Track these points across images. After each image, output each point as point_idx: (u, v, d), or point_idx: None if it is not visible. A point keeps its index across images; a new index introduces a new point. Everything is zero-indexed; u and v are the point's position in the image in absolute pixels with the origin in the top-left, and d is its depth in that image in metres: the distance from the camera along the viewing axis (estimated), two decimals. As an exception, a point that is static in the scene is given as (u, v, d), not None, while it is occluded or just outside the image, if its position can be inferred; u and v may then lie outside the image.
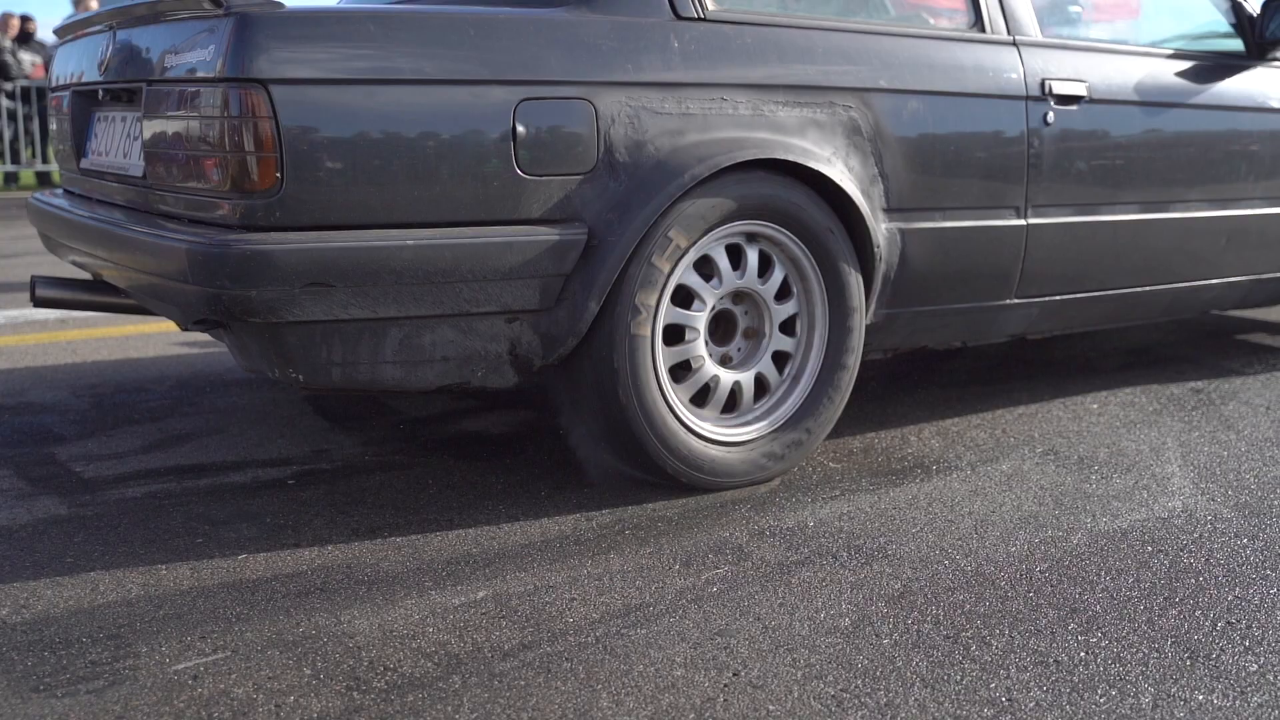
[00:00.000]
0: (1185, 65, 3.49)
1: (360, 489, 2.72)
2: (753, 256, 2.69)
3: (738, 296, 2.73)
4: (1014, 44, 3.08)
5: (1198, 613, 2.11)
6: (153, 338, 4.41)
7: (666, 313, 2.59)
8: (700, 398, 2.71)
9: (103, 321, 4.73)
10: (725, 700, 1.80)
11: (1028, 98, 3.04)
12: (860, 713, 1.77)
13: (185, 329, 2.59)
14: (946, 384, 3.75)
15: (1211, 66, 3.57)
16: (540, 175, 2.39)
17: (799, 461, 2.83)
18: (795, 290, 2.77)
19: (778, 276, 2.73)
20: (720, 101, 2.58)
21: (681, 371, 2.67)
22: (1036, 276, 3.15)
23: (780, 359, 2.80)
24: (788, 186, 2.65)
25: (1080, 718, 1.75)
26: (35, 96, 11.39)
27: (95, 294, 2.92)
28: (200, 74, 2.30)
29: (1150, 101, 3.33)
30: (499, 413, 3.36)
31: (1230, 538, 2.46)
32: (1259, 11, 3.73)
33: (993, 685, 1.85)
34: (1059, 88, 3.10)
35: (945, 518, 2.57)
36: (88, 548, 2.37)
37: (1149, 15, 3.95)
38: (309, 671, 1.87)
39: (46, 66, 11.83)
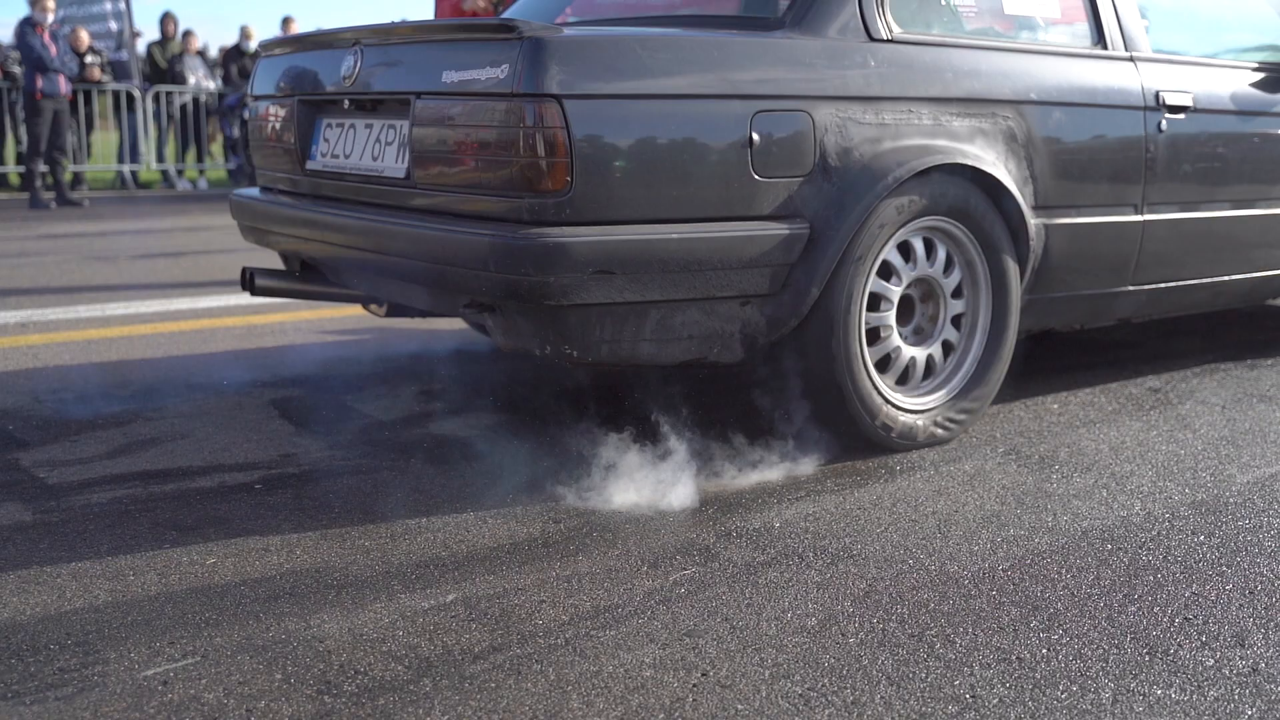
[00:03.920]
0: (1265, 76, 3.91)
1: (327, 493, 2.72)
2: (922, 247, 3.05)
3: (916, 284, 3.10)
4: (1131, 59, 3.51)
5: (1156, 609, 2.15)
6: (115, 342, 4.39)
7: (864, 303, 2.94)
8: (895, 376, 3.07)
9: (64, 326, 4.69)
10: (694, 700, 1.82)
11: (1145, 108, 3.46)
12: (827, 711, 1.79)
13: (425, 315, 3.20)
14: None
15: None
16: (770, 177, 2.73)
17: (969, 426, 3.20)
18: (963, 277, 3.16)
19: (945, 263, 3.11)
20: (908, 113, 2.94)
21: (878, 353, 3.02)
22: (1148, 266, 3.55)
23: (950, 342, 3.19)
24: (963, 186, 3.04)
25: (1042, 714, 1.79)
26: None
27: (307, 283, 3.32)
28: (493, 89, 2.57)
29: (1242, 110, 3.77)
30: (466, 416, 3.36)
31: (1187, 535, 2.51)
32: None
33: (957, 682, 1.88)
34: (1170, 98, 3.51)
35: (909, 518, 2.60)
36: (54, 554, 2.36)
37: (1234, 30, 4.31)
38: (279, 676, 1.88)
39: (2, 66, 11.68)
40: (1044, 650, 1.98)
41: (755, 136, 2.69)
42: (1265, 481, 2.86)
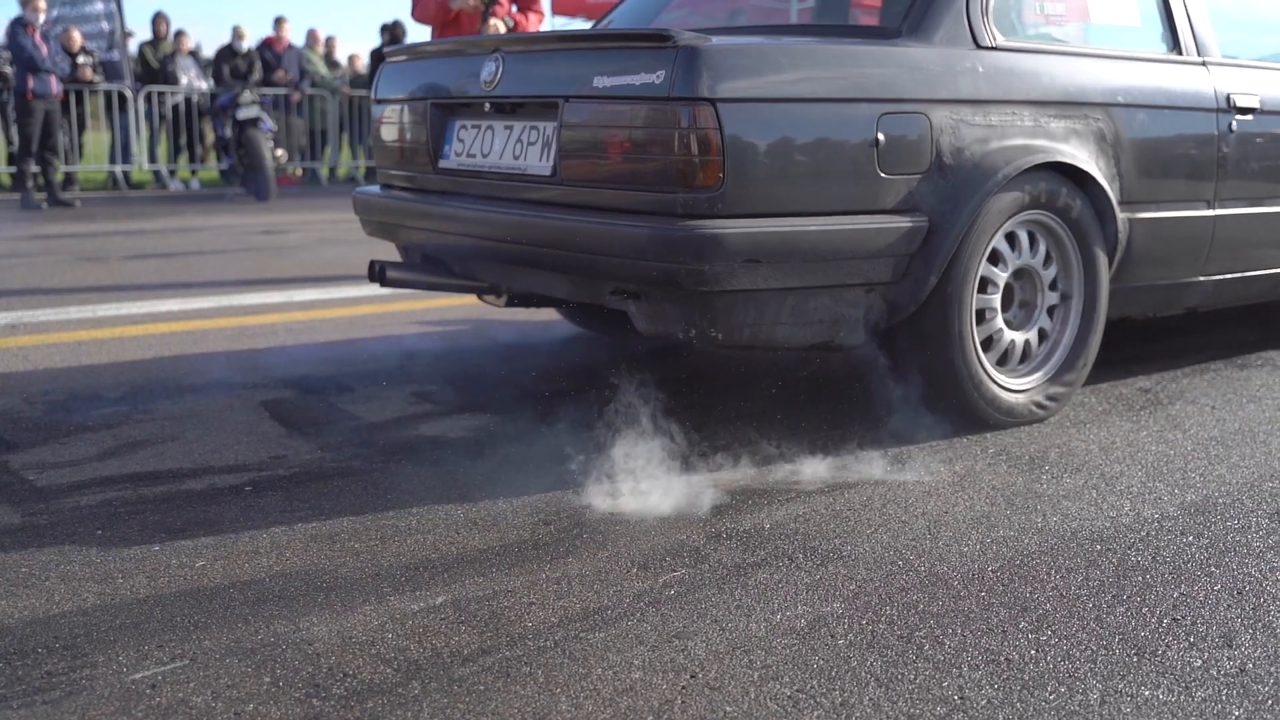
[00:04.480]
0: None
1: (318, 495, 2.72)
2: (1025, 238, 3.28)
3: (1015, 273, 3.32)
4: (1204, 64, 3.74)
5: (1144, 610, 2.15)
6: (106, 344, 4.38)
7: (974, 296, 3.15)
8: (996, 356, 3.27)
9: (55, 328, 4.68)
10: (683, 702, 1.82)
11: (1217, 110, 3.70)
12: (816, 712, 1.79)
13: (549, 305, 3.59)
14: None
15: None
16: (894, 174, 2.95)
17: (1063, 405, 3.41)
18: (1058, 266, 3.38)
19: (1044, 253, 3.34)
20: (1012, 115, 3.17)
21: (984, 333, 3.23)
22: (1218, 258, 3.79)
23: (1045, 329, 3.40)
24: (1061, 183, 3.26)
25: (1030, 715, 1.79)
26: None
27: (432, 274, 3.48)
28: (649, 93, 2.78)
29: None
30: (456, 417, 3.36)
31: (1176, 536, 2.52)
32: None
33: (945, 684, 1.88)
34: (1240, 100, 3.74)
35: (899, 519, 2.60)
36: (42, 557, 2.35)
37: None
38: (268, 679, 1.88)
39: None
40: (1032, 651, 1.99)
41: (881, 137, 2.91)
42: (1254, 482, 2.87)
